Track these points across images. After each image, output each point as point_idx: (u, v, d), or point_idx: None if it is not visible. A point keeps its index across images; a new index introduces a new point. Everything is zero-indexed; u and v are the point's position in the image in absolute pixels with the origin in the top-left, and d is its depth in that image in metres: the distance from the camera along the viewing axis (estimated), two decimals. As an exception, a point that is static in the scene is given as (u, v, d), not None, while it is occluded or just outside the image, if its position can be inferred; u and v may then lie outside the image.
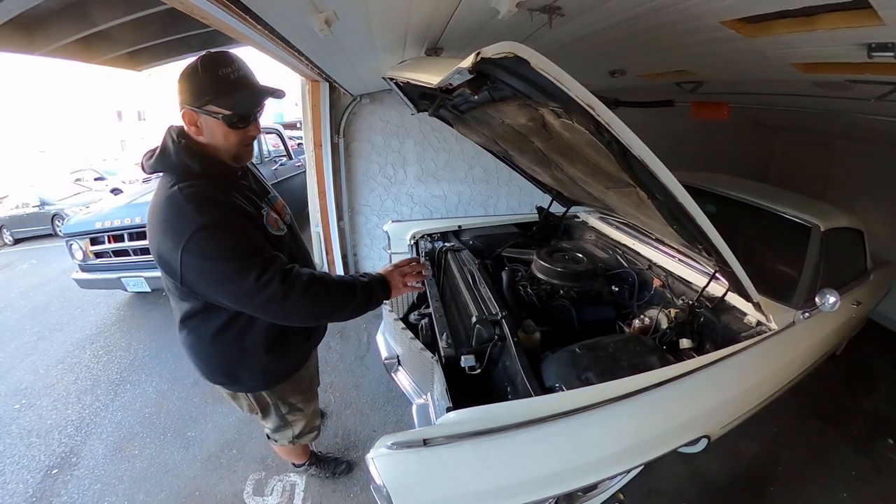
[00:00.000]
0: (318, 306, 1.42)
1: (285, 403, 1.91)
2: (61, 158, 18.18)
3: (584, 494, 2.01)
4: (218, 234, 1.28)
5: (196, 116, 1.34)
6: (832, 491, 2.48)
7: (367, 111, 4.32)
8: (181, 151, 1.35)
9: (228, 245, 1.29)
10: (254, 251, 1.32)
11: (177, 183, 1.34)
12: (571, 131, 1.45)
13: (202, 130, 1.37)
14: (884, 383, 3.39)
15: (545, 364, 1.75)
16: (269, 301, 1.32)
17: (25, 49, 2.43)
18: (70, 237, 4.54)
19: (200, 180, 1.36)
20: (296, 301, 1.34)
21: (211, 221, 1.27)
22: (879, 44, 1.60)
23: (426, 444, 1.27)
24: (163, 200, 1.33)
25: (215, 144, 1.39)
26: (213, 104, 1.31)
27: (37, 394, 3.45)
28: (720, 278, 2.02)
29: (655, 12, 1.71)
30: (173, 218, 1.29)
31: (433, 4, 1.68)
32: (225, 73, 1.31)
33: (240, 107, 1.35)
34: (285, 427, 2.00)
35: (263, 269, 1.30)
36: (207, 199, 1.31)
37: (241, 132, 1.40)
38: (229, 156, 1.43)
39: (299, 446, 2.26)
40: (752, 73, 2.49)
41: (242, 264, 1.29)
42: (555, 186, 2.97)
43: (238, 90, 1.33)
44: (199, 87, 1.31)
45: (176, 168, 1.36)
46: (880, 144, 3.94)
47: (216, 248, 1.28)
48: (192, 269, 1.29)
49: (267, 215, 1.53)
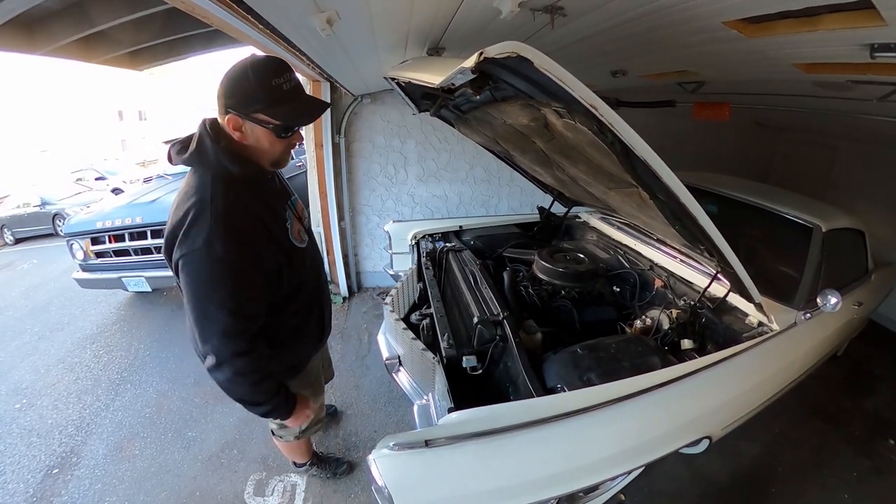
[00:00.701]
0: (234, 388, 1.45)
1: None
2: (62, 158, 18.20)
3: (585, 495, 2.00)
4: (218, 269, 1.28)
5: (242, 122, 1.31)
6: (833, 492, 2.48)
7: (369, 111, 4.32)
8: (220, 153, 1.31)
9: (220, 286, 1.30)
10: (239, 307, 1.33)
11: (211, 187, 1.32)
12: (574, 131, 1.45)
13: (247, 136, 1.34)
14: (884, 384, 3.39)
15: (547, 364, 1.75)
16: (216, 356, 1.35)
17: (27, 49, 2.43)
18: (71, 237, 4.54)
19: (239, 186, 1.36)
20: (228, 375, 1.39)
21: (220, 253, 1.27)
22: (882, 44, 1.60)
23: (428, 445, 1.27)
24: (194, 200, 1.31)
25: (259, 149, 1.37)
26: (263, 113, 1.29)
27: (37, 393, 3.45)
28: (722, 279, 2.02)
29: (657, 12, 1.70)
30: (193, 224, 1.28)
31: (435, 4, 1.68)
32: (277, 84, 1.28)
33: (291, 120, 1.34)
34: None
35: (234, 334, 1.34)
36: (232, 225, 1.30)
37: (287, 141, 1.39)
38: (270, 161, 1.43)
39: (303, 443, 2.31)
40: (754, 73, 2.49)
41: (218, 313, 1.30)
42: (556, 187, 2.97)
43: (290, 102, 1.31)
44: (249, 93, 1.27)
45: (213, 167, 1.33)
46: (882, 145, 3.94)
47: (208, 282, 1.29)
48: (182, 277, 1.31)
49: (291, 227, 1.54)
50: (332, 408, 3.01)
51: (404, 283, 2.79)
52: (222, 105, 1.31)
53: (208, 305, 1.30)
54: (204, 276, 1.28)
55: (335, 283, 4.80)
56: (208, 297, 1.29)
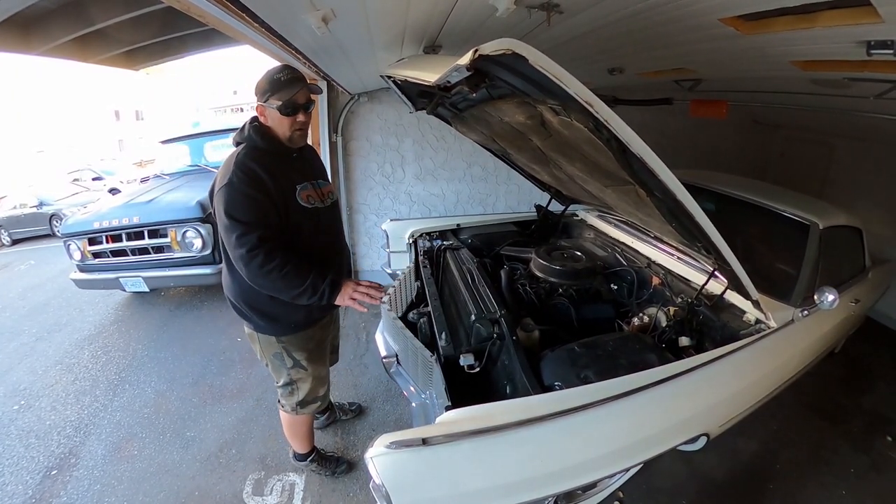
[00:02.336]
0: (271, 283, 1.77)
1: (290, 356, 2.12)
2: (59, 158, 18.13)
3: (583, 493, 2.01)
4: (235, 195, 1.70)
5: (263, 108, 1.82)
6: (831, 489, 2.48)
7: (366, 110, 4.32)
8: (251, 129, 1.83)
9: (236, 206, 1.70)
10: (249, 221, 1.70)
11: (241, 151, 1.81)
12: (570, 129, 1.45)
13: (267, 119, 1.84)
14: (882, 381, 3.40)
15: (544, 362, 1.75)
16: (238, 260, 1.72)
17: (22, 49, 2.43)
18: (68, 237, 4.54)
19: (260, 152, 1.81)
20: (255, 273, 1.73)
21: (236, 184, 1.70)
22: (878, 41, 1.60)
23: (425, 444, 1.27)
24: (230, 161, 1.79)
25: (276, 128, 1.84)
26: (271, 98, 1.77)
27: (35, 395, 3.44)
28: (719, 276, 2.02)
29: (654, 9, 1.70)
30: (224, 169, 1.78)
31: (431, 2, 1.68)
32: (277, 77, 1.76)
33: (286, 95, 1.77)
34: (290, 386, 2.20)
35: (245, 236, 1.68)
36: (248, 169, 1.74)
37: (291, 119, 1.82)
38: (285, 137, 1.86)
39: (304, 425, 2.42)
40: (751, 70, 2.49)
41: (235, 224, 1.69)
42: (553, 185, 2.97)
43: (287, 88, 1.77)
44: (262, 87, 1.78)
45: (246, 140, 1.83)
46: (879, 143, 3.95)
47: (229, 204, 1.70)
48: (215, 210, 1.77)
49: (300, 190, 1.91)
50: (355, 405, 3.06)
51: (402, 281, 2.78)
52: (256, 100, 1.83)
53: (227, 219, 1.69)
54: (226, 200, 1.70)
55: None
56: (228, 213, 1.70)
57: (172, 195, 4.75)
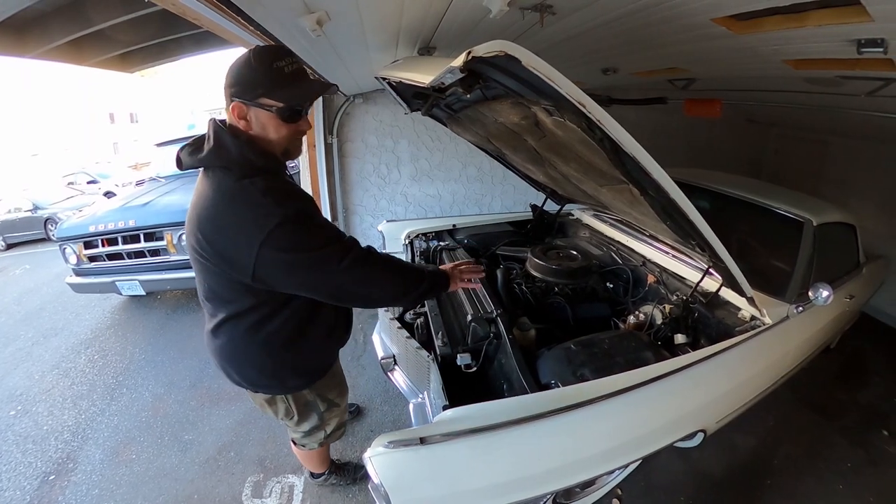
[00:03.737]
0: (393, 287, 1.49)
1: (324, 400, 1.89)
2: (54, 162, 18.09)
3: (581, 490, 2.02)
4: (301, 225, 1.28)
5: (246, 110, 1.30)
6: (828, 483, 2.49)
7: (361, 111, 4.32)
8: (244, 146, 1.30)
9: (312, 235, 1.31)
10: (335, 237, 1.36)
11: (243, 178, 1.29)
12: (564, 129, 1.46)
13: (251, 124, 1.32)
14: (878, 376, 3.42)
15: (541, 361, 1.75)
16: (351, 284, 1.38)
17: (16, 51, 2.42)
18: (64, 241, 4.52)
19: (268, 176, 1.33)
20: (375, 282, 1.43)
21: (293, 213, 1.26)
22: (869, 39, 1.62)
23: (423, 443, 1.28)
24: (230, 195, 1.29)
25: (266, 138, 1.34)
26: (266, 97, 1.27)
27: (32, 400, 3.43)
28: (714, 274, 2.03)
29: (646, 10, 1.72)
30: (249, 213, 1.26)
31: (425, 4, 1.68)
32: (279, 67, 1.27)
33: (295, 100, 1.31)
34: (319, 429, 1.97)
35: (346, 253, 1.33)
36: (284, 192, 1.32)
37: (293, 126, 1.36)
38: (280, 150, 1.39)
39: (324, 451, 2.29)
40: (744, 69, 2.51)
41: (327, 251, 1.31)
42: (549, 184, 2.98)
43: (292, 83, 1.30)
44: (251, 79, 1.27)
45: (238, 163, 1.30)
46: (872, 140, 3.97)
47: (300, 239, 1.28)
48: (271, 262, 1.27)
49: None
50: (353, 406, 3.01)
51: (399, 282, 2.79)
52: (228, 96, 1.31)
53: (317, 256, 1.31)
54: (297, 241, 1.28)
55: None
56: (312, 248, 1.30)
57: (168, 198, 4.74)
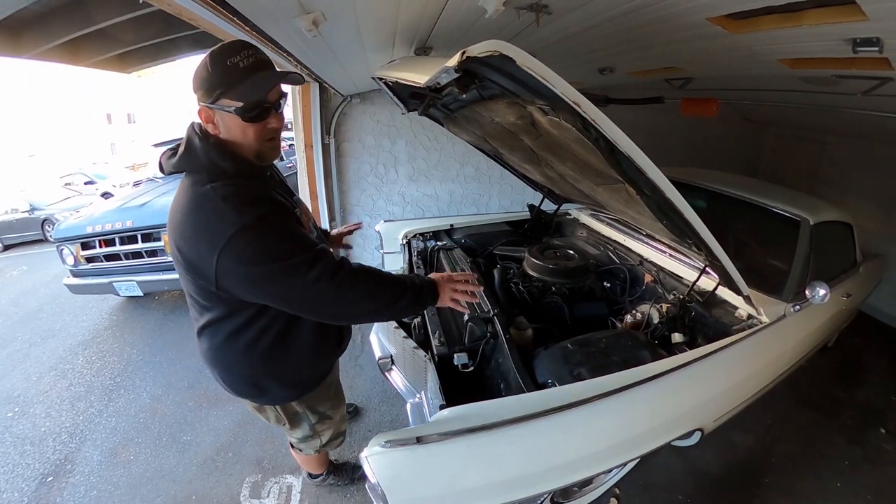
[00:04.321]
0: (368, 302, 1.36)
1: (314, 412, 1.83)
2: (51, 162, 18.03)
3: (579, 489, 2.02)
4: (260, 234, 1.19)
5: (212, 113, 1.25)
6: (826, 481, 2.50)
7: (358, 111, 4.32)
8: (211, 150, 1.25)
9: (272, 245, 1.21)
10: (300, 248, 1.24)
11: (209, 182, 1.24)
12: (559, 128, 1.46)
13: (219, 127, 1.27)
14: (875, 374, 3.43)
15: (537, 360, 1.76)
16: (319, 299, 1.28)
17: (13, 52, 2.41)
18: (61, 242, 4.51)
19: (238, 182, 1.27)
20: (347, 297, 1.30)
21: (251, 222, 1.18)
22: (864, 39, 1.62)
23: (419, 442, 1.28)
24: (193, 202, 1.24)
25: (235, 141, 1.28)
26: (224, 97, 1.21)
27: (30, 401, 3.42)
28: (710, 273, 2.03)
29: (642, 9, 1.72)
30: (209, 220, 1.20)
31: (421, 4, 1.68)
32: (234, 63, 1.19)
33: (250, 95, 1.22)
34: (313, 437, 1.94)
35: (312, 265, 1.23)
36: (246, 198, 1.22)
37: (259, 125, 1.27)
38: (252, 153, 1.32)
39: (322, 456, 2.28)
40: (740, 69, 2.51)
41: (289, 263, 1.21)
42: (546, 184, 2.98)
43: (248, 78, 1.21)
44: (209, 81, 1.21)
45: (206, 168, 1.26)
46: (868, 139, 3.98)
47: (259, 249, 1.19)
48: (232, 273, 1.21)
49: (300, 214, 1.47)
50: (351, 406, 2.99)
51: (396, 282, 2.79)
52: (196, 100, 1.26)
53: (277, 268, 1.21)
54: (254, 252, 1.19)
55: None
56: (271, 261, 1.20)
57: (166, 199, 4.72)
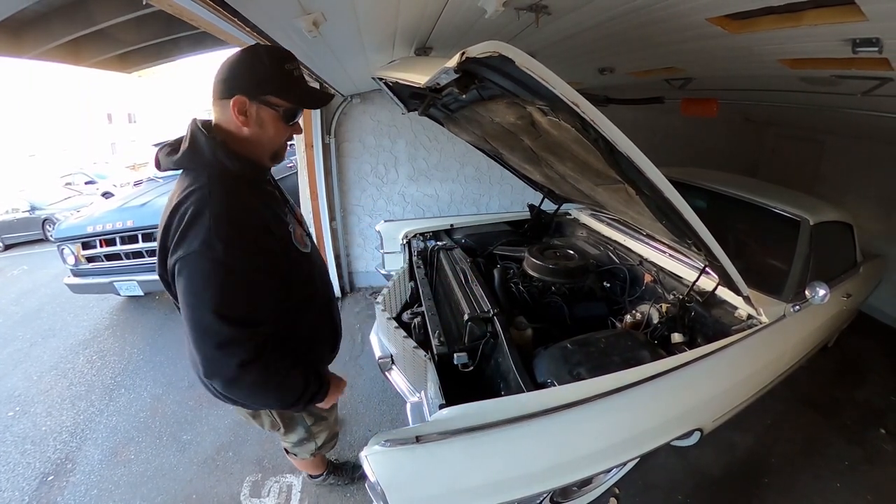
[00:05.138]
0: (260, 401, 1.35)
1: (311, 414, 1.84)
2: (51, 162, 18.03)
3: (578, 489, 2.03)
4: (217, 275, 1.16)
5: (251, 107, 1.26)
6: (825, 481, 2.50)
7: (358, 111, 4.32)
8: (218, 148, 1.24)
9: (225, 295, 1.17)
10: (245, 317, 1.20)
11: (208, 184, 1.22)
12: (559, 129, 1.46)
13: (251, 122, 1.27)
14: (875, 374, 3.43)
15: (537, 360, 1.76)
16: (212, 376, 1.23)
17: (13, 52, 2.42)
18: (61, 242, 4.52)
19: (239, 185, 1.27)
20: (244, 389, 1.27)
21: (222, 257, 1.15)
22: (864, 39, 1.62)
23: (419, 441, 1.28)
24: (191, 201, 1.21)
25: (261, 139, 1.31)
26: (274, 96, 1.26)
27: (31, 400, 3.43)
28: (710, 273, 2.04)
29: (641, 10, 1.72)
30: (190, 226, 1.17)
31: (421, 5, 1.68)
32: (289, 69, 1.28)
33: (305, 102, 1.34)
34: (308, 440, 1.94)
35: (235, 345, 1.19)
36: (237, 223, 1.20)
37: (290, 128, 1.36)
38: (269, 152, 1.37)
39: (319, 458, 2.28)
40: (740, 69, 2.51)
41: (216, 322, 1.16)
42: (546, 184, 2.99)
43: (300, 86, 1.32)
44: (262, 76, 1.24)
45: (210, 166, 1.25)
46: (868, 139, 3.98)
47: (204, 286, 1.16)
48: (179, 282, 1.19)
49: (294, 231, 1.46)
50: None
51: (396, 282, 2.79)
52: (226, 89, 1.25)
53: (205, 314, 1.15)
54: (200, 281, 1.16)
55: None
56: (205, 303, 1.15)
57: (166, 198, 4.71)
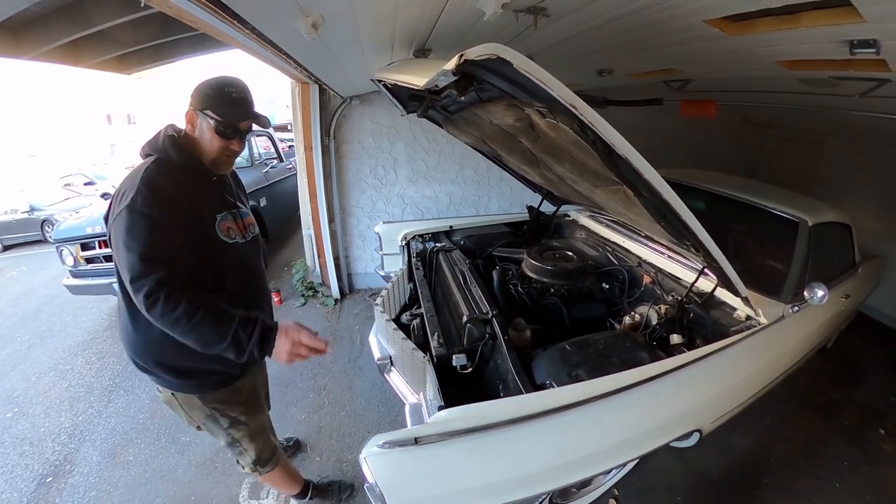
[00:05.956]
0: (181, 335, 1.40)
1: (224, 416, 1.81)
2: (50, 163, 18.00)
3: (578, 490, 2.02)
4: (138, 222, 1.37)
5: (195, 116, 1.58)
6: (825, 482, 2.50)
7: (358, 113, 4.32)
8: (166, 140, 1.57)
9: (139, 237, 1.36)
10: (157, 257, 1.37)
11: (151, 166, 1.50)
12: (557, 131, 1.47)
13: (195, 129, 1.59)
14: (874, 375, 3.44)
15: (536, 362, 1.76)
16: (147, 308, 1.36)
17: (14, 53, 2.42)
18: (60, 243, 4.50)
19: (174, 168, 1.54)
20: (157, 319, 1.37)
21: (139, 206, 1.38)
22: (861, 40, 1.63)
23: (417, 443, 1.28)
24: (132, 175, 1.50)
25: (202, 143, 1.60)
26: (210, 110, 1.54)
27: (29, 402, 3.43)
28: (709, 274, 2.04)
29: (640, 12, 1.72)
30: (125, 188, 1.45)
31: (419, 7, 1.69)
32: (227, 91, 1.55)
33: (229, 118, 1.56)
34: (236, 446, 1.90)
35: (151, 276, 1.34)
36: (157, 187, 1.44)
37: (225, 142, 1.59)
38: (209, 159, 1.62)
39: (280, 475, 2.12)
40: (739, 70, 2.52)
41: (138, 261, 1.34)
42: (544, 186, 2.99)
43: (233, 106, 1.57)
44: (206, 95, 1.55)
45: (159, 152, 1.56)
46: (867, 140, 3.99)
47: (129, 233, 1.36)
48: (111, 238, 1.43)
49: (221, 221, 1.63)
50: (292, 440, 2.83)
51: (395, 283, 2.79)
52: (189, 102, 1.59)
53: (129, 258, 1.35)
54: (126, 227, 1.36)
55: (327, 285, 4.80)
56: (126, 244, 1.36)
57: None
